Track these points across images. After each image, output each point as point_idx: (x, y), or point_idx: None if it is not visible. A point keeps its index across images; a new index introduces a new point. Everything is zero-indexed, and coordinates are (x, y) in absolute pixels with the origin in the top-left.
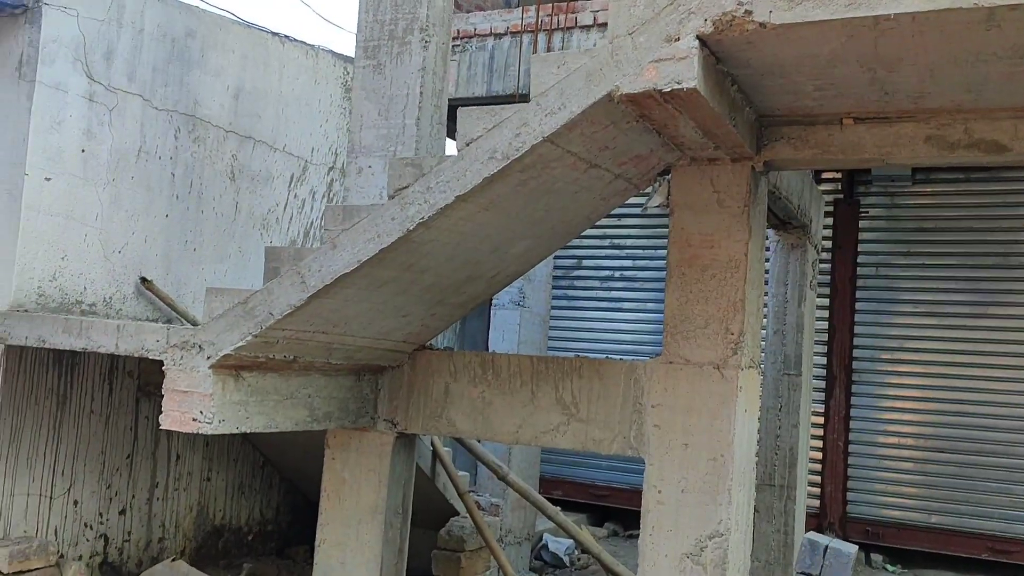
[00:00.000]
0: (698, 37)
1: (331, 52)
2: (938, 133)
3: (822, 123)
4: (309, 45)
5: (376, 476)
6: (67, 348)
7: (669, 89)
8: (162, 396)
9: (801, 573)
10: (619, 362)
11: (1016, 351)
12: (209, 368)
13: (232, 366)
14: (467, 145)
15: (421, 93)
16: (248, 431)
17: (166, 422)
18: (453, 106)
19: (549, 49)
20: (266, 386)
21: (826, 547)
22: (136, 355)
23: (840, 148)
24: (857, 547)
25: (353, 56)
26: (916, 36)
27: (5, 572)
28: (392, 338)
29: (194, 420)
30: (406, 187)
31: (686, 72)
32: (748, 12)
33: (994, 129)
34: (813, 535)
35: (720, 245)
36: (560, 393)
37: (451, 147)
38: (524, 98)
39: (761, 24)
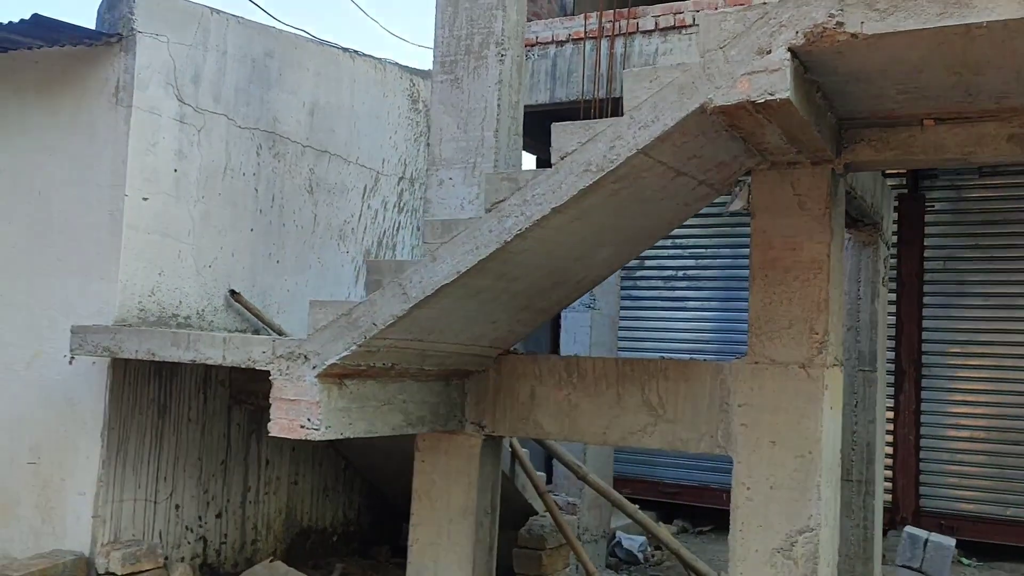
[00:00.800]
0: (789, 49)
1: (397, 65)
2: (1021, 131)
3: (903, 124)
4: (377, 59)
5: (466, 478)
6: (175, 360)
7: (762, 100)
8: (251, 404)
9: (903, 566)
10: (705, 363)
11: None
12: (316, 377)
13: (336, 375)
14: (561, 159)
15: (499, 106)
16: (352, 436)
17: (274, 429)
18: None
19: (612, 55)
20: (366, 393)
21: (926, 540)
22: (243, 366)
23: (922, 149)
24: (955, 540)
25: (417, 68)
26: (1006, 41)
27: (119, 573)
28: (480, 343)
29: (302, 427)
30: (503, 200)
31: (779, 84)
32: (840, 24)
33: None
34: (912, 529)
35: (802, 247)
36: (647, 394)
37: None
38: (588, 104)
39: (853, 35)
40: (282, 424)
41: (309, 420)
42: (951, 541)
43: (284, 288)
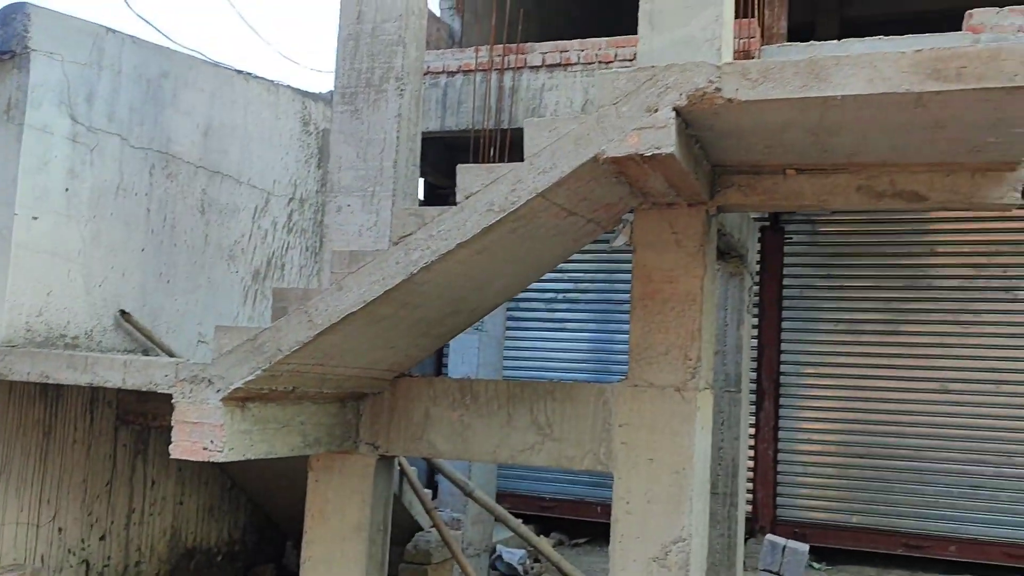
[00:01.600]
0: (674, 108)
1: (290, 87)
2: (867, 184)
3: (768, 173)
4: (270, 81)
5: (360, 496)
6: (72, 383)
7: (650, 154)
8: (139, 424)
9: (764, 570)
10: (589, 385)
11: (925, 364)
12: (220, 401)
13: (240, 398)
14: (466, 198)
15: (398, 137)
16: (252, 457)
17: (176, 452)
18: None
19: (501, 88)
20: (267, 415)
21: (784, 547)
22: (144, 389)
23: (784, 195)
24: (808, 546)
25: (310, 91)
26: (856, 111)
27: None
28: (379, 367)
29: (205, 449)
30: (410, 234)
31: (665, 139)
32: (718, 89)
33: (915, 181)
34: (772, 537)
35: (679, 280)
36: (535, 415)
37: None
38: (478, 133)
39: (729, 99)
40: (184, 446)
41: (212, 442)
42: (805, 547)
43: (174, 308)
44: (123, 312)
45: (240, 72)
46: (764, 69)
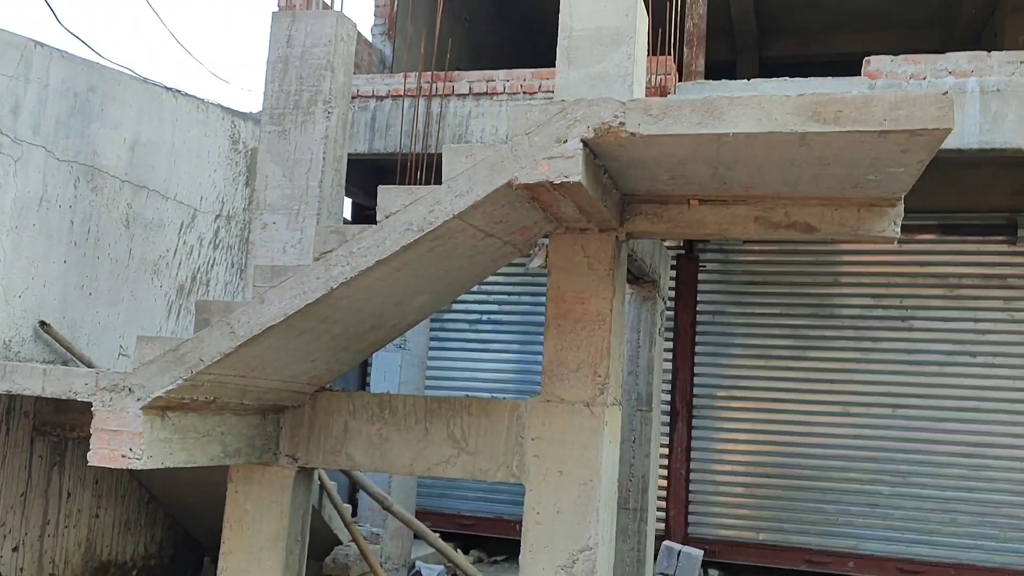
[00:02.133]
0: (582, 140)
1: (220, 106)
2: (764, 215)
3: (673, 202)
4: (199, 99)
5: (278, 507)
6: None
7: (559, 181)
8: (56, 435)
9: (661, 573)
10: (504, 401)
11: (829, 388)
12: (140, 409)
13: (160, 407)
14: (386, 217)
15: (324, 158)
16: (172, 465)
17: (94, 459)
18: None
19: (428, 113)
20: (187, 425)
21: (679, 551)
22: (63, 397)
23: (687, 224)
24: (703, 552)
25: (239, 110)
26: (748, 147)
27: None
28: (299, 380)
29: (123, 456)
30: (331, 251)
31: (573, 168)
32: (622, 123)
33: (807, 213)
34: (669, 543)
35: (590, 302)
36: (451, 429)
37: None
38: (405, 157)
39: (632, 133)
40: (102, 454)
41: (131, 450)
42: (699, 552)
43: (95, 320)
44: (43, 323)
45: (169, 89)
46: (665, 106)
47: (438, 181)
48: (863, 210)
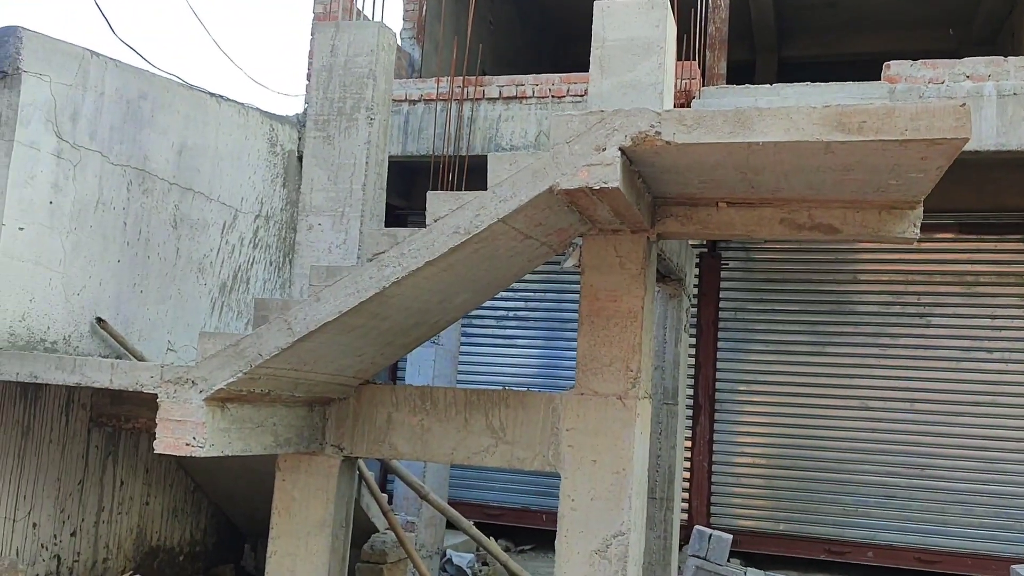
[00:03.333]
0: (620, 148)
1: (259, 110)
2: (789, 217)
3: (703, 205)
4: (241, 104)
5: (324, 494)
6: (60, 383)
7: (598, 187)
8: (111, 426)
9: (693, 555)
10: (540, 393)
11: (848, 384)
12: (203, 401)
13: (221, 399)
14: (435, 221)
15: (367, 163)
16: (230, 453)
17: (160, 447)
18: None
19: (460, 117)
20: (243, 416)
21: (711, 535)
22: (130, 389)
23: (716, 225)
24: (732, 536)
25: (277, 113)
26: (776, 154)
27: None
28: (346, 374)
29: (187, 444)
30: (383, 252)
31: (612, 175)
32: (658, 133)
33: (830, 215)
34: (700, 527)
35: (622, 299)
36: (490, 420)
37: None
38: (438, 159)
39: (667, 142)
40: (168, 442)
41: (194, 439)
42: (729, 536)
43: (146, 317)
44: (99, 319)
45: (213, 95)
46: (698, 117)
47: (470, 183)
48: (884, 212)
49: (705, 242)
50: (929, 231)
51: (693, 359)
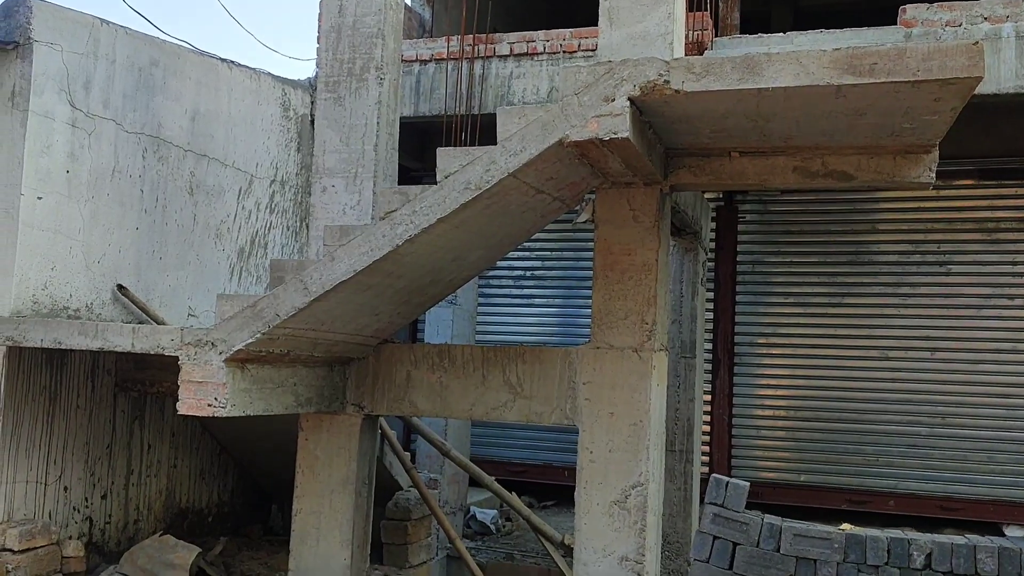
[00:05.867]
0: (629, 98)
1: (270, 75)
2: (802, 165)
3: (715, 155)
4: (252, 69)
5: (346, 452)
6: (83, 348)
7: (608, 138)
8: (136, 391)
9: (710, 503)
10: (555, 348)
11: (868, 334)
12: (222, 362)
13: (240, 360)
14: (446, 178)
15: (378, 123)
16: (252, 413)
17: (183, 408)
18: None
19: (471, 76)
20: (264, 376)
21: (727, 483)
22: (152, 353)
23: (729, 175)
24: (749, 483)
25: (288, 78)
26: (786, 100)
27: (16, 549)
28: (364, 333)
29: (209, 405)
30: (395, 210)
31: (621, 125)
32: (667, 81)
33: (844, 162)
34: (717, 475)
35: (636, 253)
36: (507, 376)
37: None
38: (450, 119)
39: (676, 91)
40: (190, 403)
41: (216, 399)
42: (746, 484)
43: (166, 283)
44: (120, 286)
45: (224, 60)
46: (706, 64)
47: (483, 142)
48: (899, 157)
49: (721, 195)
50: (948, 178)
51: (711, 313)
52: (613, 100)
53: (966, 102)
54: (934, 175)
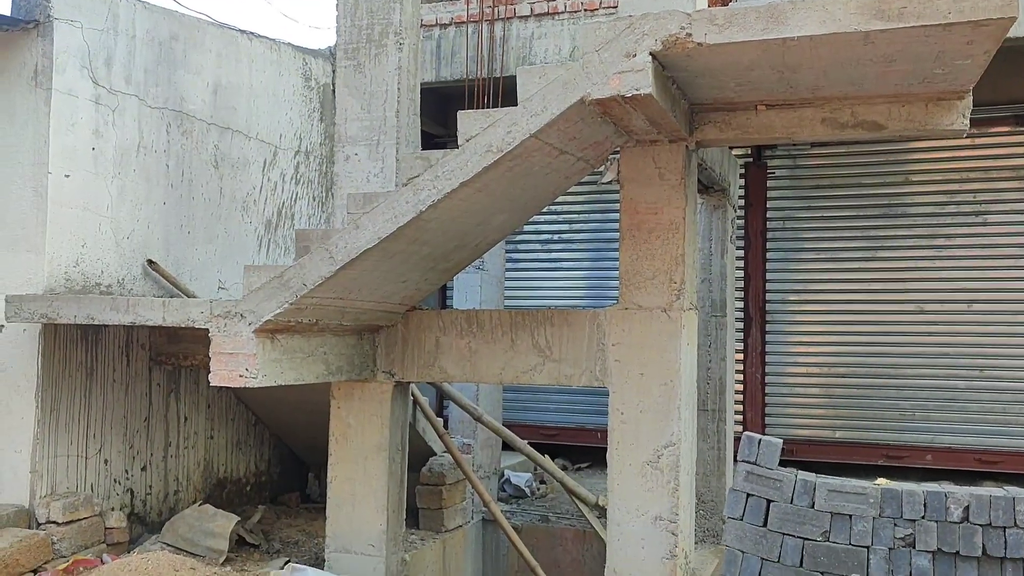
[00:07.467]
0: (651, 53)
1: (291, 45)
2: (831, 116)
3: (741, 109)
4: (272, 40)
5: (378, 419)
6: (115, 323)
7: (630, 95)
8: (170, 365)
9: (743, 460)
10: (584, 310)
11: (903, 288)
12: (252, 332)
13: (269, 330)
14: (467, 141)
15: (399, 89)
16: (283, 383)
17: (215, 379)
18: None
19: (492, 38)
20: (294, 346)
21: (759, 440)
22: (182, 325)
23: (756, 129)
24: (782, 440)
25: (309, 48)
26: (813, 50)
27: (60, 521)
28: (392, 300)
29: (240, 376)
30: (417, 176)
31: (643, 81)
32: (688, 35)
33: (873, 112)
34: (750, 433)
35: (663, 211)
36: (536, 339)
37: None
38: (472, 83)
39: (699, 43)
40: (222, 375)
41: (247, 370)
42: (779, 440)
43: (195, 257)
44: (150, 261)
45: (243, 32)
46: (729, 15)
47: (505, 105)
48: (931, 104)
49: (750, 151)
50: (983, 125)
51: (741, 271)
52: (634, 56)
53: (999, 44)
54: (968, 122)
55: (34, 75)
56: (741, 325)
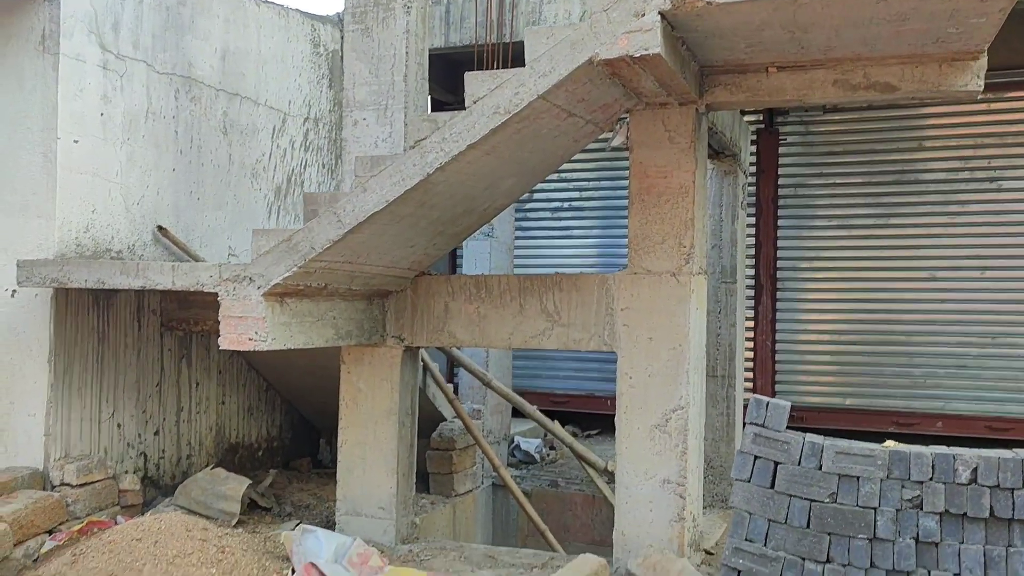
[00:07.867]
0: (659, 12)
1: (299, 11)
2: (843, 78)
3: (752, 71)
4: (280, 6)
5: (388, 384)
6: (125, 287)
7: (639, 55)
8: (181, 330)
9: (751, 423)
10: (592, 275)
11: (911, 255)
12: (261, 296)
13: (278, 294)
14: (474, 102)
15: (407, 53)
16: (293, 347)
17: (224, 343)
18: None
19: (502, 3)
20: (303, 310)
21: (767, 403)
22: (191, 289)
23: (767, 91)
24: (790, 403)
25: (317, 14)
26: (825, 8)
27: (74, 484)
28: (401, 265)
29: (250, 339)
30: (424, 138)
31: (652, 41)
32: None
33: (886, 73)
34: (758, 396)
35: (672, 175)
36: (544, 304)
37: None
38: (481, 48)
39: (708, 2)
40: (231, 338)
41: (256, 333)
42: (787, 403)
43: (205, 223)
44: (160, 227)
45: None
46: None
47: None
48: (944, 65)
49: (761, 116)
50: (998, 90)
51: (753, 238)
52: (643, 15)
53: (1015, 2)
54: (982, 83)
55: (41, 40)
56: (752, 292)
